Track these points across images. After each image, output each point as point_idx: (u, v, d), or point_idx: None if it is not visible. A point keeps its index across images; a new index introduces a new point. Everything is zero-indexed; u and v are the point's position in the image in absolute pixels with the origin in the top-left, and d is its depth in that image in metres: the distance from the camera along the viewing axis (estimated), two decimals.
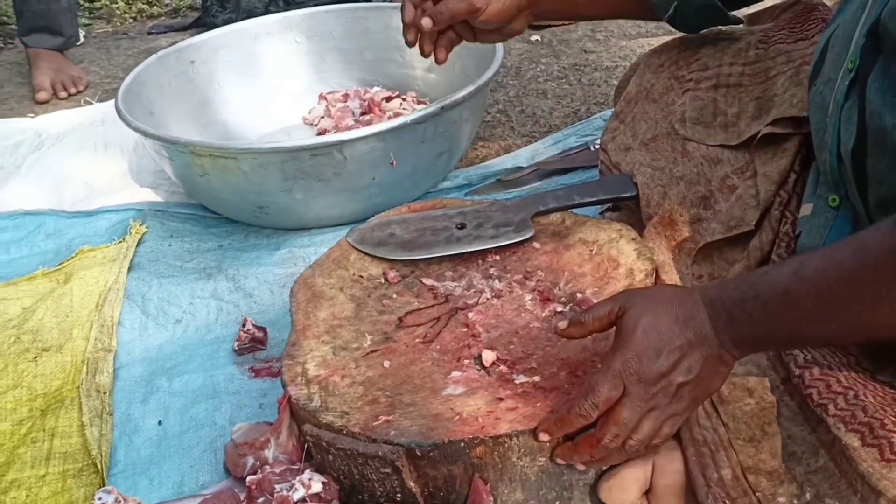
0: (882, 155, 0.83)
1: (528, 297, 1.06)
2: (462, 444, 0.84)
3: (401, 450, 0.85)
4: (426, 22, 1.18)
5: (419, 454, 0.85)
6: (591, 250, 1.11)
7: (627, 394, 0.83)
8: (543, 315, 1.02)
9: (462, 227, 1.17)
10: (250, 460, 1.00)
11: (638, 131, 1.22)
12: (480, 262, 1.13)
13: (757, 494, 0.86)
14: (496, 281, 1.09)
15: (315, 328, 1.06)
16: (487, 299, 1.06)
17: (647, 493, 0.92)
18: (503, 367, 0.95)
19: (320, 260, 1.18)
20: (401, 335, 1.04)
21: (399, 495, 0.88)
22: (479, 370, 0.96)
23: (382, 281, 1.14)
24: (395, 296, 1.11)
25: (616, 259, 1.07)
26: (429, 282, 1.12)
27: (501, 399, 0.90)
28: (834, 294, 0.74)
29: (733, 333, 0.80)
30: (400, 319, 1.06)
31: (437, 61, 1.26)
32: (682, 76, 1.21)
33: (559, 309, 1.04)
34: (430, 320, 1.06)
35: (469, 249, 1.13)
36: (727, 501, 0.87)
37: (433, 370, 0.97)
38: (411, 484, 0.87)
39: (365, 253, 1.16)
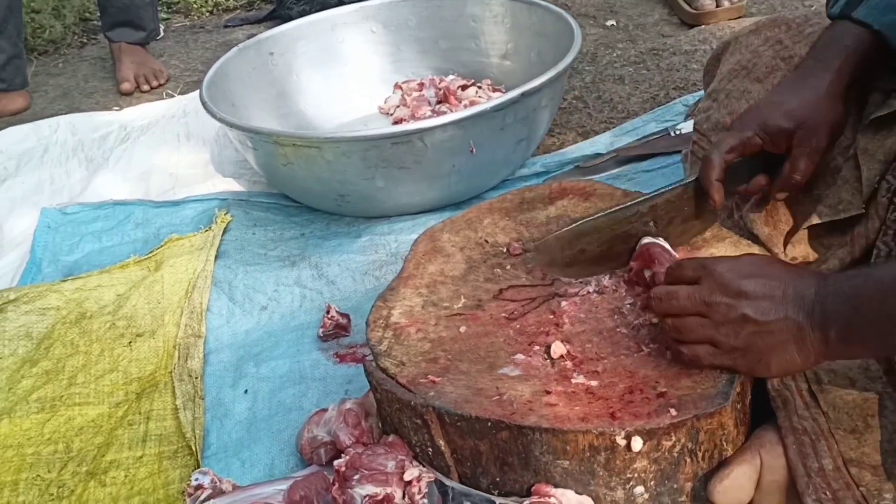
0: None
1: (628, 300, 1.03)
2: (489, 424, 0.85)
3: (431, 408, 0.88)
4: (782, 195, 1.05)
5: (447, 420, 0.87)
6: None
7: (699, 282, 0.85)
8: (635, 322, 1.00)
9: (652, 223, 1.08)
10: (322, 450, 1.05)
11: (737, 110, 1.19)
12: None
13: (861, 489, 0.83)
14: (607, 276, 1.07)
15: (419, 279, 1.09)
16: (588, 293, 1.05)
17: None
18: (569, 363, 0.94)
19: (455, 217, 1.20)
20: (492, 306, 1.05)
21: (430, 449, 0.91)
22: (544, 359, 0.95)
23: (504, 250, 1.14)
24: (508, 267, 1.12)
25: None
26: None
27: (549, 392, 0.90)
28: None
29: (829, 311, 0.78)
30: (501, 291, 1.07)
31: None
32: (790, 56, 1.17)
33: (654, 321, 1.01)
34: (526, 299, 1.06)
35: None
36: (828, 492, 0.84)
37: (502, 347, 0.98)
38: (441, 442, 0.89)
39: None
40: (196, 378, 1.24)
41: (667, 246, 1.04)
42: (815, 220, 1.04)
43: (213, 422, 1.17)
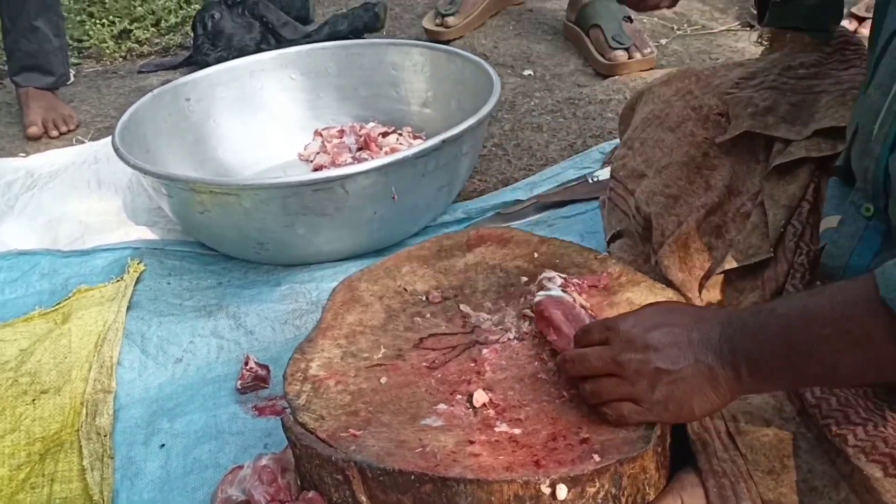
0: None
1: (549, 346, 1.04)
2: (412, 477, 0.84)
3: (353, 463, 0.86)
4: None
5: (369, 475, 0.85)
6: None
7: (608, 342, 0.86)
8: (556, 368, 1.00)
9: None
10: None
11: (651, 158, 1.22)
12: (524, 299, 1.10)
13: None
14: (527, 322, 1.07)
15: (337, 330, 1.08)
16: (509, 339, 1.05)
17: None
18: (491, 411, 0.94)
19: (373, 265, 1.19)
20: (413, 355, 1.04)
21: None
22: (467, 408, 0.95)
23: (424, 298, 1.14)
24: (428, 315, 1.11)
25: None
26: (466, 309, 1.11)
27: (472, 442, 0.89)
28: (821, 335, 0.75)
29: (736, 348, 0.80)
30: (421, 340, 1.06)
31: None
32: (699, 106, 1.22)
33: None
34: (446, 347, 1.05)
35: None
36: None
37: (423, 397, 0.97)
38: (363, 497, 0.87)
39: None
40: (105, 436, 1.18)
41: (567, 298, 1.04)
42: (726, 265, 1.07)
43: (123, 482, 1.12)
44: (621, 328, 0.86)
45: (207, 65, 2.03)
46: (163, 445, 1.18)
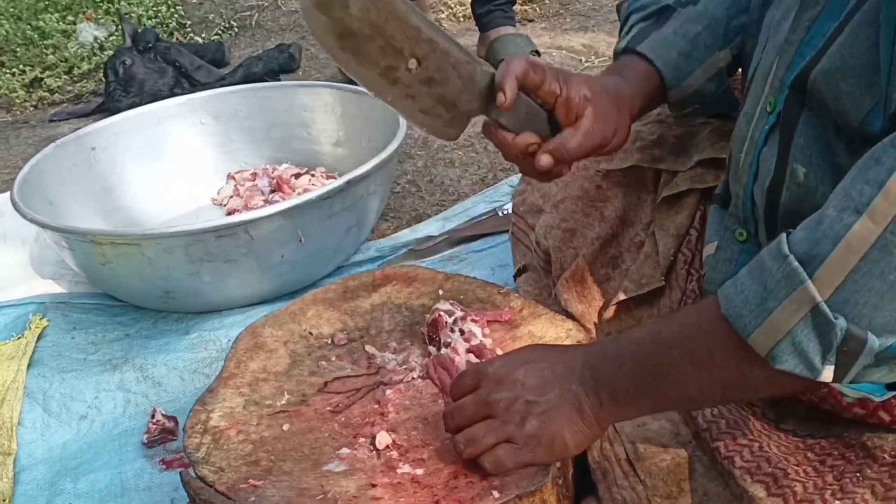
0: (798, 209, 0.83)
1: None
2: None
3: None
4: (545, 160, 0.92)
5: None
6: None
7: (478, 387, 0.87)
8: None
9: (414, 66, 0.90)
10: None
11: (548, 193, 1.24)
12: (430, 338, 1.11)
13: None
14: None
15: (240, 378, 1.06)
16: (413, 379, 1.05)
17: None
18: (394, 453, 0.94)
19: (278, 310, 1.17)
20: (316, 400, 1.03)
21: None
22: (370, 450, 0.94)
23: (329, 341, 1.13)
24: (333, 358, 1.10)
25: None
26: (371, 349, 1.11)
27: (374, 485, 0.88)
28: (670, 357, 0.77)
29: (597, 374, 0.81)
30: (326, 383, 1.05)
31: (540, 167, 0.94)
32: None
33: None
34: (351, 390, 1.05)
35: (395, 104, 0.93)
36: None
37: (326, 442, 0.96)
38: None
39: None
40: (5, 500, 1.15)
41: (449, 356, 1.04)
42: (622, 295, 1.10)
43: None
44: (489, 370, 0.87)
45: (119, 111, 2.01)
46: None
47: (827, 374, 0.68)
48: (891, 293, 0.65)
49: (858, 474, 0.79)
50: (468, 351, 1.04)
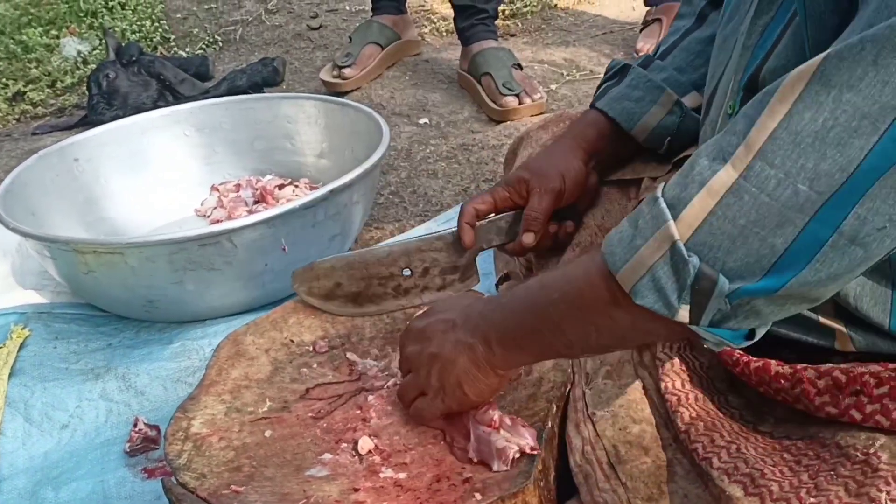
0: None
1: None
2: None
3: None
4: (529, 238, 1.15)
5: None
6: None
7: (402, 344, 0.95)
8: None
9: (409, 273, 1.16)
10: None
11: None
12: None
13: None
14: None
15: (221, 385, 1.06)
16: (395, 384, 1.06)
17: None
18: (377, 458, 0.94)
19: (260, 319, 1.18)
20: (298, 406, 1.03)
21: None
22: (353, 456, 0.95)
23: (310, 349, 1.14)
24: (315, 366, 1.11)
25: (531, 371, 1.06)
26: (352, 357, 1.12)
27: (357, 490, 0.89)
28: (551, 302, 0.79)
29: (487, 319, 0.85)
30: (307, 390, 1.06)
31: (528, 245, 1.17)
32: None
33: None
34: (332, 396, 1.06)
35: (417, 303, 1.16)
36: None
37: (308, 448, 0.97)
38: None
39: (313, 307, 1.17)
40: None
41: None
42: None
43: None
44: (410, 325, 0.94)
45: (103, 124, 2.01)
46: None
47: (683, 313, 0.71)
48: (741, 238, 0.67)
49: (832, 472, 0.80)
50: None
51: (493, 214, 1.17)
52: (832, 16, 0.73)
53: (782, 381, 0.88)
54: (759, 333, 0.75)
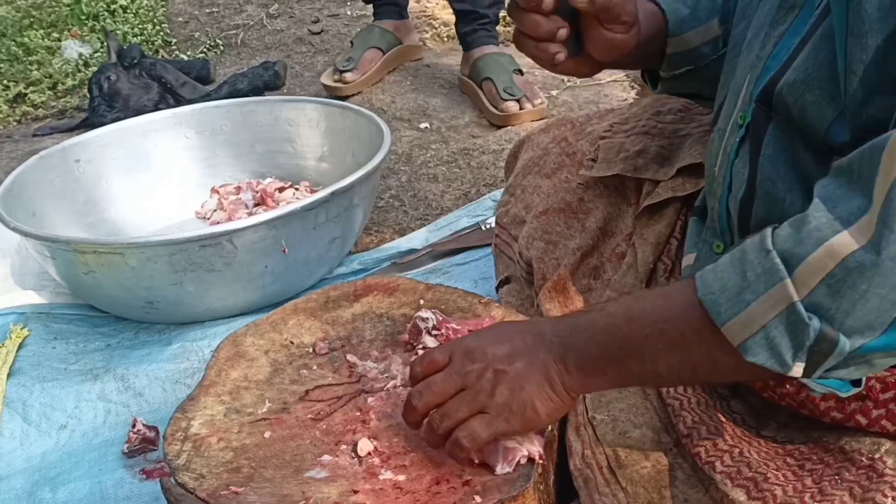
0: (768, 219, 0.84)
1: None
2: None
3: None
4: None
5: None
6: None
7: (449, 362, 0.86)
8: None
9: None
10: None
11: (531, 204, 1.26)
12: (411, 346, 1.11)
13: None
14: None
15: (221, 386, 1.06)
16: (395, 387, 1.05)
17: None
18: (376, 460, 0.94)
19: (259, 320, 1.18)
20: (298, 408, 1.03)
21: None
22: (352, 457, 0.95)
23: (310, 350, 1.13)
24: (315, 367, 1.10)
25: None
26: (352, 358, 1.11)
27: (356, 492, 0.89)
28: (642, 334, 0.77)
29: (565, 342, 0.82)
30: (307, 392, 1.05)
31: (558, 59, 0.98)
32: (573, 152, 1.26)
33: None
34: (332, 398, 1.05)
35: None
36: None
37: (308, 449, 0.96)
38: None
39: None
40: None
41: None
42: None
43: None
44: (462, 343, 0.88)
45: (104, 126, 2.01)
46: None
47: (797, 370, 0.70)
48: (861, 301, 0.67)
49: (837, 477, 0.80)
50: None
51: None
52: (876, 35, 0.72)
53: (787, 386, 0.88)
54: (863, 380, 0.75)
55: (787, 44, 0.83)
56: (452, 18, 2.49)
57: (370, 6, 2.64)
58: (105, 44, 2.85)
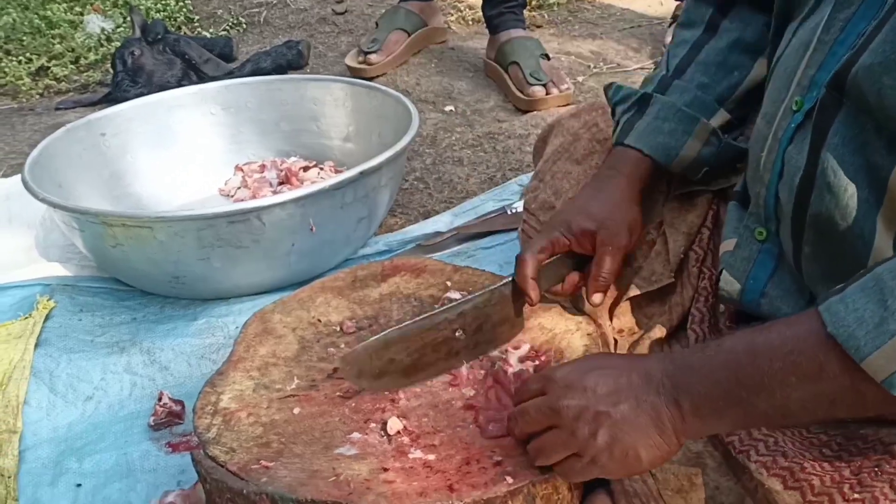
0: (827, 208, 0.82)
1: (462, 371, 1.04)
2: None
3: (264, 495, 0.84)
4: (597, 298, 1.05)
5: None
6: (546, 338, 1.08)
7: (545, 392, 0.83)
8: (469, 395, 1.01)
9: (461, 334, 1.05)
10: None
11: (560, 190, 1.25)
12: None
13: None
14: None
15: (249, 362, 1.06)
16: None
17: None
18: (405, 439, 0.94)
19: (287, 297, 1.18)
20: (326, 385, 1.03)
21: None
22: (381, 436, 0.95)
23: (337, 329, 1.13)
24: (343, 345, 1.10)
25: (562, 352, 1.05)
26: None
27: (386, 469, 0.89)
28: (771, 369, 0.72)
29: (679, 384, 0.77)
30: (335, 370, 1.05)
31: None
32: (604, 138, 1.25)
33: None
34: None
35: (470, 361, 1.06)
36: None
37: (337, 426, 0.96)
38: None
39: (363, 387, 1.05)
40: (9, 478, 1.14)
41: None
42: (632, 292, 1.10)
43: None
44: (557, 375, 0.83)
45: (127, 101, 2.00)
46: (79, 485, 1.14)
47: None
48: None
49: (877, 469, 0.79)
50: (520, 360, 1.04)
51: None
52: None
53: None
54: None
55: (855, 28, 0.81)
56: (478, 1, 2.48)
57: None
58: (129, 18, 2.84)
